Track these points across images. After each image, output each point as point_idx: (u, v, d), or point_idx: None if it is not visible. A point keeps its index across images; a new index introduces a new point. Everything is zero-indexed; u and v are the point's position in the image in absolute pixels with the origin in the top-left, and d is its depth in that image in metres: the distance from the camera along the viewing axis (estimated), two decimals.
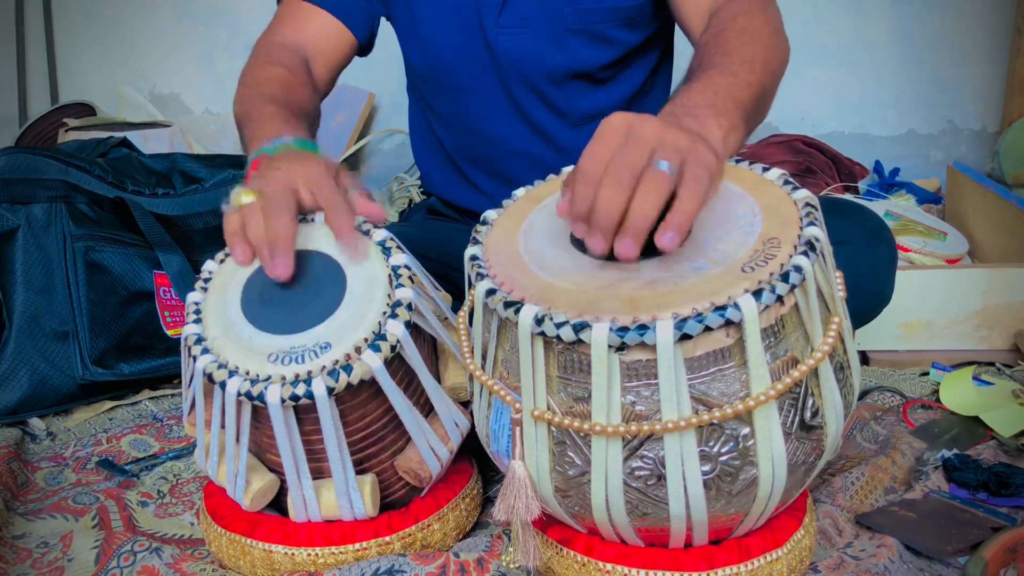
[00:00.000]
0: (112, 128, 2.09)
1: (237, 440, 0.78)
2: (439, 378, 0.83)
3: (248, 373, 0.74)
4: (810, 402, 0.67)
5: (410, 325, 0.76)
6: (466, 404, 0.83)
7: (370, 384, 0.75)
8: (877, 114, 2.34)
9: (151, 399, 1.26)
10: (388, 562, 0.77)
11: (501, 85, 1.12)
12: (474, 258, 0.72)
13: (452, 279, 0.95)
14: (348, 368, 0.73)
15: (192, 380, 0.80)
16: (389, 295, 0.77)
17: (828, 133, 2.29)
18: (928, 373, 1.27)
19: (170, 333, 1.30)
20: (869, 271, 0.97)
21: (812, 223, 0.67)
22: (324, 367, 0.73)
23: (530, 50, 1.09)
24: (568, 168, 0.81)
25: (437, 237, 1.12)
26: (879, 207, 1.66)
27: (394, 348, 0.75)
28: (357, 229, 0.82)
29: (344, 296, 0.77)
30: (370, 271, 0.79)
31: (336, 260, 0.80)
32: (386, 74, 2.00)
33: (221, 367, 0.75)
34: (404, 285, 0.77)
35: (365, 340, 0.74)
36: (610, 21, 1.08)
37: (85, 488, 1.01)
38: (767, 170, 0.74)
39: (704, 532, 0.70)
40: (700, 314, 0.61)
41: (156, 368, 1.28)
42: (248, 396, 0.73)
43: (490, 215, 0.77)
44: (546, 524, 0.77)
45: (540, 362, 0.66)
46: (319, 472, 0.79)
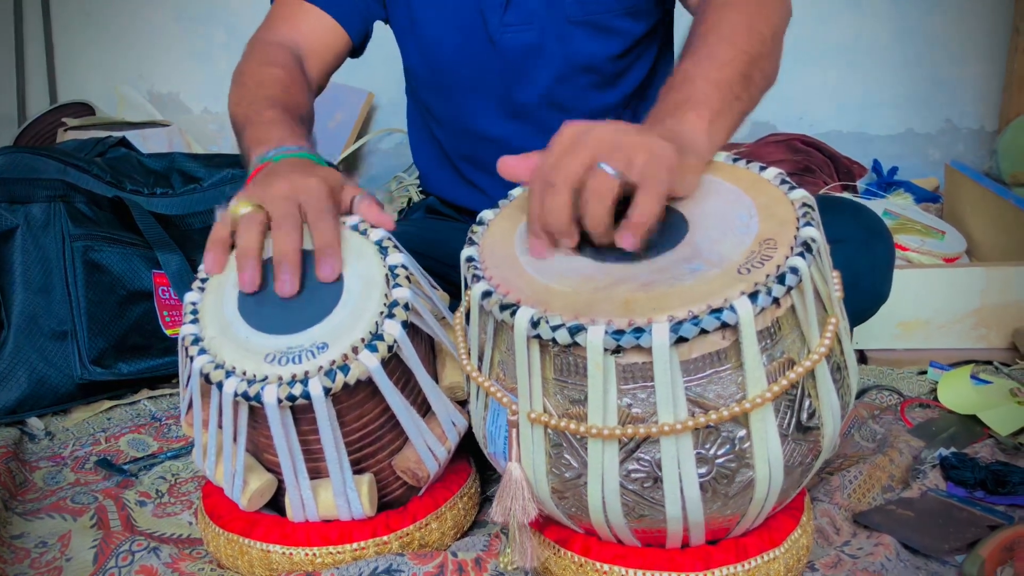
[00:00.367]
0: (111, 127, 2.09)
1: (235, 440, 0.78)
2: (436, 378, 0.83)
3: (245, 373, 0.74)
4: (807, 403, 0.67)
5: (407, 325, 0.76)
6: (464, 403, 0.83)
7: (367, 384, 0.75)
8: (875, 113, 2.34)
9: (150, 399, 1.26)
10: (386, 561, 0.77)
11: (502, 84, 1.11)
12: (470, 259, 0.72)
13: (450, 278, 0.95)
14: (345, 368, 0.73)
15: (189, 380, 0.80)
16: (386, 295, 0.77)
17: (826, 132, 2.28)
18: (926, 372, 1.27)
19: (169, 333, 1.30)
20: (867, 270, 0.97)
21: (809, 223, 0.66)
22: (321, 367, 0.73)
23: (534, 47, 1.08)
24: None
25: (435, 236, 1.12)
26: (877, 206, 1.66)
27: (391, 348, 0.75)
28: (354, 229, 0.82)
29: (341, 296, 0.77)
30: (367, 271, 0.79)
31: None
32: (385, 74, 2.00)
33: (218, 367, 0.75)
34: (401, 285, 0.77)
35: (362, 340, 0.74)
36: (612, 11, 1.07)
37: (83, 488, 1.01)
38: (764, 169, 0.73)
39: (701, 533, 0.70)
40: (696, 317, 0.61)
41: (155, 368, 1.28)
42: (245, 396, 0.73)
43: (486, 215, 0.77)
44: (543, 524, 0.77)
45: (536, 364, 0.66)
46: (317, 472, 0.79)
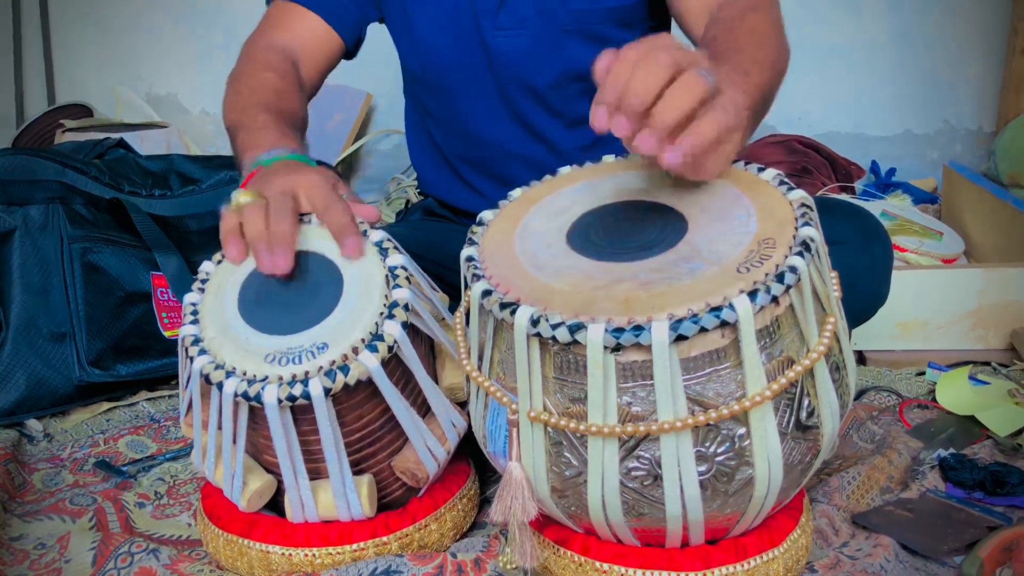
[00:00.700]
0: (109, 129, 2.09)
1: (234, 441, 0.78)
2: (436, 378, 0.83)
3: (245, 374, 0.74)
4: (806, 402, 0.67)
5: (407, 326, 0.76)
6: (463, 404, 0.83)
7: (367, 385, 0.75)
8: (873, 114, 2.34)
9: (148, 400, 1.26)
10: (385, 562, 0.77)
11: (497, 87, 1.12)
12: (470, 259, 0.72)
13: (449, 279, 0.95)
14: (345, 369, 0.73)
15: (189, 381, 0.80)
16: (386, 296, 0.77)
17: (825, 133, 2.29)
18: (924, 373, 1.27)
19: (167, 334, 1.30)
20: (865, 271, 0.97)
21: (807, 223, 0.67)
22: (321, 368, 0.73)
23: (527, 52, 1.09)
24: (565, 168, 0.81)
25: (434, 238, 1.12)
26: (875, 207, 1.66)
27: (391, 349, 0.75)
28: None
29: (341, 297, 0.78)
30: (367, 272, 0.79)
31: (333, 261, 0.80)
32: (383, 75, 2.00)
33: (218, 368, 0.75)
34: (401, 286, 0.77)
35: (362, 341, 0.74)
36: (604, 21, 1.08)
37: (82, 489, 1.01)
38: (763, 170, 0.74)
39: (700, 532, 0.70)
40: (695, 315, 0.61)
41: (153, 369, 1.28)
42: (245, 397, 0.73)
43: (486, 216, 0.77)
44: (543, 524, 0.77)
45: (536, 363, 0.66)
46: (316, 473, 0.79)
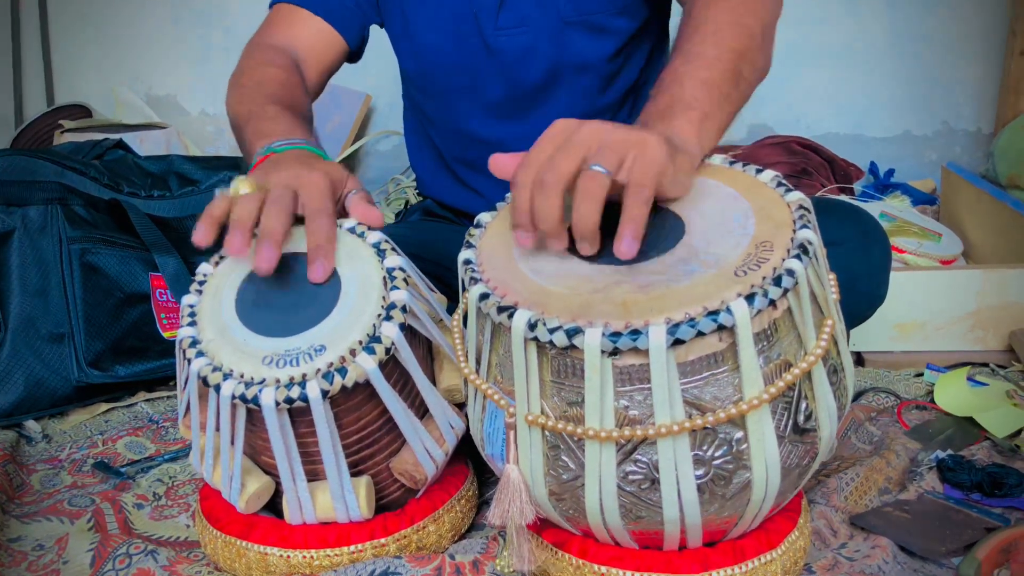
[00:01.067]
0: (108, 130, 2.09)
1: (232, 443, 0.78)
2: (434, 380, 0.83)
3: (243, 376, 0.74)
4: (803, 405, 0.67)
5: (405, 327, 0.76)
6: (461, 406, 0.83)
7: (365, 386, 0.75)
8: (872, 115, 2.34)
9: (147, 401, 1.26)
10: (383, 564, 0.77)
11: (501, 87, 1.11)
12: (467, 262, 0.72)
13: (448, 280, 0.95)
14: (343, 371, 0.73)
15: (187, 383, 0.80)
16: (384, 297, 0.77)
17: (823, 134, 2.29)
18: (923, 374, 1.27)
19: (166, 335, 1.30)
20: (863, 272, 0.97)
21: (805, 226, 0.67)
22: (319, 370, 0.73)
23: (529, 49, 1.08)
24: None
25: (433, 238, 1.12)
26: (874, 208, 1.66)
27: (389, 350, 0.75)
28: (351, 231, 0.82)
29: (339, 298, 0.78)
30: (365, 273, 0.79)
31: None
32: (382, 76, 2.00)
33: (216, 370, 0.75)
34: (399, 287, 0.77)
35: (360, 342, 0.74)
36: (606, 11, 1.07)
37: (81, 490, 1.01)
38: (760, 172, 0.74)
39: (698, 535, 0.70)
40: (693, 319, 0.61)
41: (152, 370, 1.28)
42: (243, 399, 0.73)
43: (484, 218, 0.77)
44: (541, 527, 0.77)
45: (534, 366, 0.66)
46: (314, 474, 0.79)
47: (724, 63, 0.78)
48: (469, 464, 0.92)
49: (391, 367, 0.77)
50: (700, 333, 0.61)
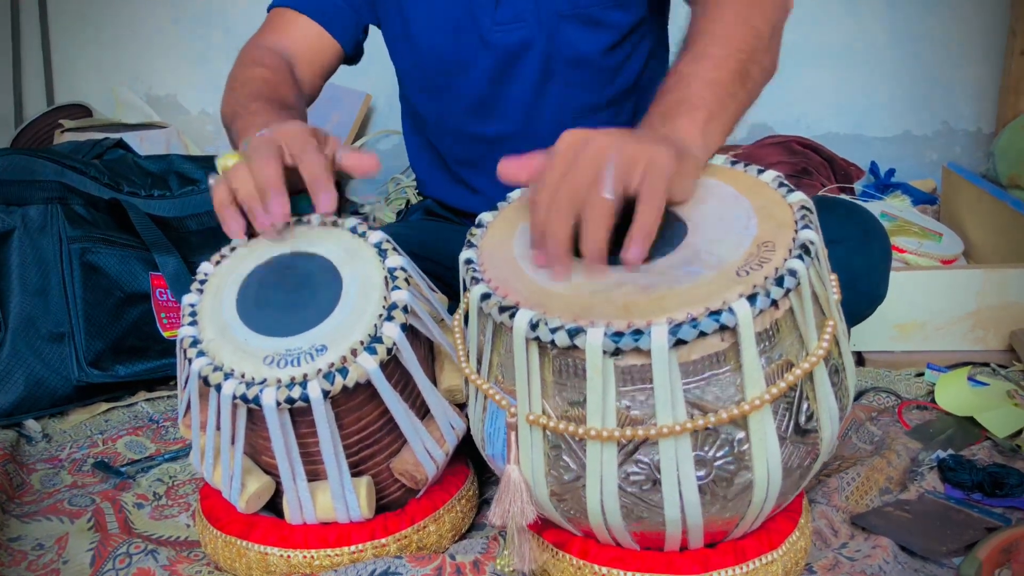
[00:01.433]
0: (108, 129, 2.09)
1: (232, 442, 0.78)
2: (435, 380, 0.83)
3: (244, 376, 0.74)
4: (805, 406, 0.67)
5: (406, 327, 0.76)
6: (462, 406, 0.83)
7: (366, 387, 0.75)
8: (873, 115, 2.34)
9: (147, 401, 1.26)
10: (384, 564, 0.77)
11: (497, 83, 1.11)
12: (469, 261, 0.72)
13: (448, 279, 0.95)
14: (344, 371, 0.73)
15: (187, 382, 0.80)
16: (385, 297, 0.77)
17: (824, 134, 2.29)
18: (923, 374, 1.27)
19: (166, 335, 1.30)
20: (863, 270, 0.97)
21: (807, 226, 0.67)
22: (320, 370, 0.73)
23: (527, 44, 1.08)
24: None
25: (434, 237, 1.12)
26: (875, 208, 1.66)
27: (390, 351, 0.75)
28: (353, 232, 0.82)
29: (340, 298, 0.77)
30: (366, 273, 0.79)
31: (332, 262, 0.80)
32: (382, 75, 1.99)
33: (216, 370, 0.75)
34: (400, 287, 0.77)
35: (361, 343, 0.74)
36: (601, 4, 1.07)
37: (81, 490, 1.01)
38: (762, 172, 0.73)
39: (699, 535, 0.70)
40: (695, 319, 0.61)
41: (152, 370, 1.28)
42: (244, 399, 0.73)
43: (485, 218, 0.77)
44: (542, 527, 0.77)
45: (535, 366, 0.66)
46: (315, 474, 0.79)
47: (732, 63, 0.77)
48: (469, 464, 0.92)
49: (392, 367, 0.77)
50: (702, 333, 0.61)
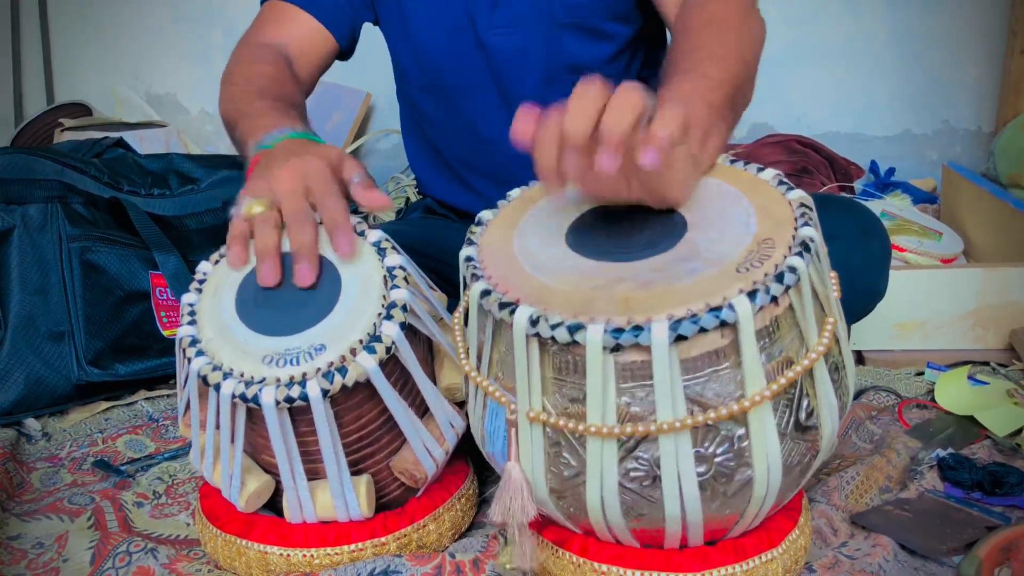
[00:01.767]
0: (108, 128, 2.09)
1: (232, 441, 0.78)
2: (434, 379, 0.83)
3: (243, 375, 0.74)
4: (805, 403, 0.67)
5: (405, 326, 0.76)
6: (462, 405, 0.83)
7: (365, 385, 0.75)
8: (873, 114, 2.34)
9: (147, 400, 1.26)
10: (384, 563, 0.77)
11: (495, 86, 1.11)
12: (469, 259, 0.72)
13: (448, 276, 0.95)
14: (343, 370, 0.73)
15: (187, 381, 0.80)
16: (384, 296, 0.77)
17: (824, 133, 2.29)
18: (923, 373, 1.27)
19: (166, 334, 1.30)
20: (861, 266, 0.97)
21: (807, 224, 0.67)
22: (319, 369, 0.73)
23: (522, 48, 1.08)
24: None
25: (434, 235, 1.12)
26: (875, 207, 1.66)
27: (389, 350, 0.75)
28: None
29: (339, 297, 0.77)
30: (365, 272, 0.79)
31: (331, 261, 0.80)
32: (382, 74, 1.99)
33: (216, 369, 0.75)
34: (399, 286, 0.77)
35: (360, 341, 0.74)
36: (600, 15, 1.07)
37: (80, 489, 1.01)
38: (762, 170, 0.74)
39: (699, 533, 0.70)
40: (695, 315, 0.61)
41: (152, 369, 1.28)
42: (243, 398, 0.73)
43: (485, 216, 0.77)
44: (542, 525, 0.77)
45: (535, 363, 0.66)
46: (314, 473, 0.79)
47: (725, 88, 0.77)
48: (469, 463, 0.92)
49: (391, 366, 0.77)
50: (702, 329, 0.61)
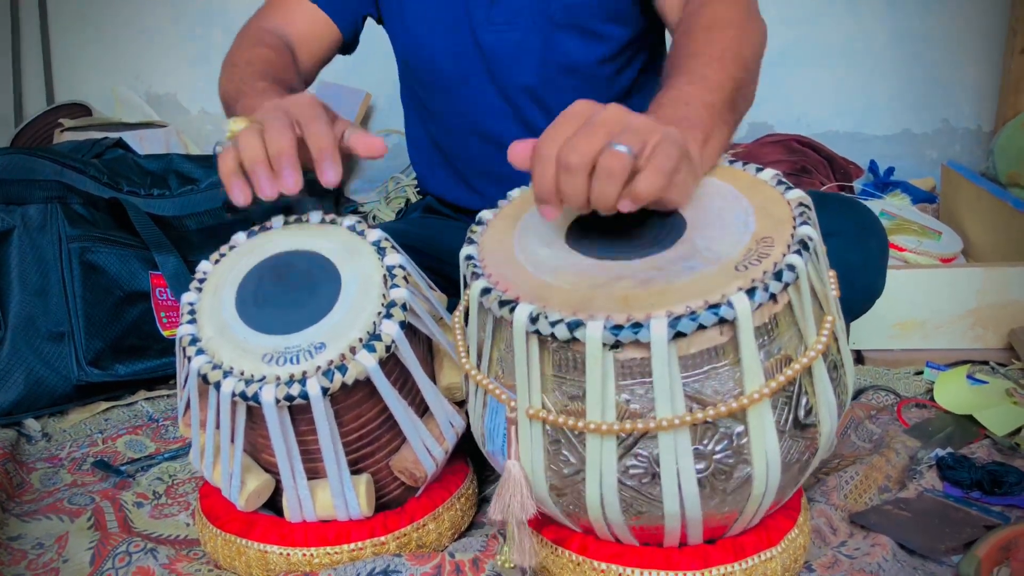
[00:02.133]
0: (108, 128, 2.09)
1: (232, 440, 0.78)
2: (434, 378, 0.83)
3: (243, 374, 0.74)
4: (804, 400, 0.67)
5: (405, 325, 0.76)
6: (461, 404, 0.84)
7: (365, 384, 0.75)
8: (872, 113, 2.34)
9: (147, 400, 1.26)
10: (383, 562, 0.77)
11: (493, 83, 1.11)
12: (469, 257, 0.72)
13: (448, 275, 0.95)
14: (343, 368, 0.73)
15: (187, 381, 0.80)
16: (384, 295, 0.77)
17: (823, 132, 2.29)
18: (922, 372, 1.27)
19: (166, 334, 1.30)
20: (859, 264, 0.97)
21: (805, 222, 0.67)
22: (319, 367, 0.73)
23: (519, 47, 1.08)
24: None
25: (434, 233, 1.12)
26: (874, 206, 1.66)
27: (389, 348, 0.75)
28: (351, 230, 0.82)
29: (339, 296, 0.78)
30: (365, 271, 0.79)
31: (331, 260, 0.80)
32: (382, 74, 1.99)
33: (216, 368, 0.75)
34: (399, 285, 0.77)
35: (360, 340, 0.74)
36: (598, 16, 1.07)
37: (80, 489, 1.01)
38: (761, 170, 0.74)
39: (699, 531, 0.70)
40: (694, 312, 0.61)
41: (152, 369, 1.28)
42: (243, 396, 0.73)
43: (485, 215, 0.77)
44: (541, 524, 0.77)
45: (535, 360, 0.66)
46: (314, 472, 0.79)
47: (726, 91, 0.77)
48: (469, 462, 0.92)
49: (391, 365, 0.77)
50: (701, 326, 0.61)
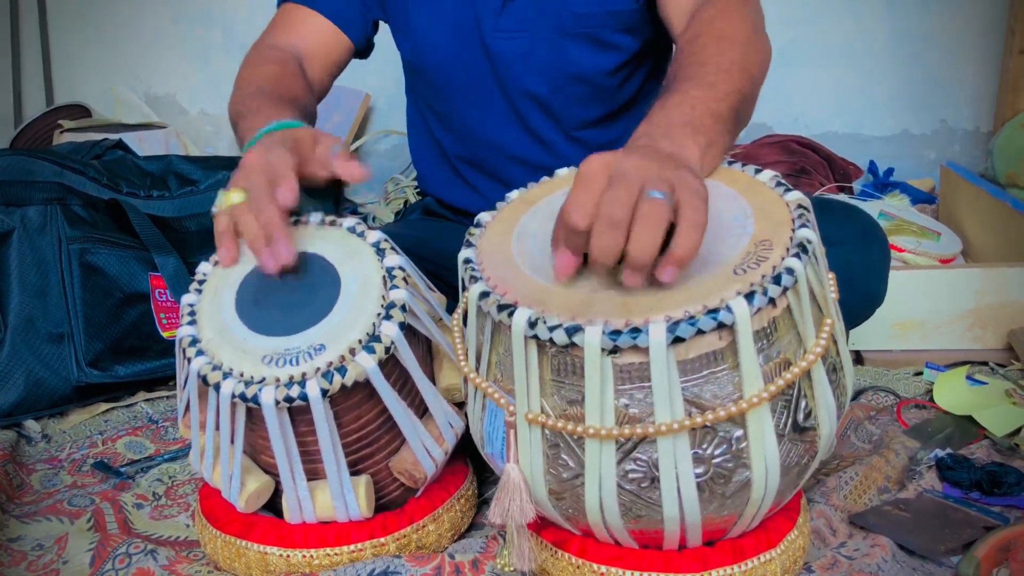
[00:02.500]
0: (107, 129, 2.09)
1: (232, 442, 0.78)
2: (434, 379, 0.83)
3: (242, 375, 0.74)
4: (803, 404, 0.67)
5: (404, 326, 0.76)
6: (461, 405, 0.84)
7: (364, 385, 0.75)
8: (871, 114, 2.34)
9: (147, 401, 1.26)
10: (383, 563, 0.77)
11: (499, 89, 1.11)
12: (467, 260, 0.72)
13: (447, 278, 0.95)
14: (342, 370, 0.73)
15: (187, 382, 0.80)
16: (383, 296, 0.77)
17: (822, 133, 2.29)
18: (922, 373, 1.28)
19: (166, 335, 1.30)
20: (861, 271, 0.97)
21: (804, 225, 0.67)
22: (318, 369, 0.73)
23: (527, 55, 1.08)
24: (563, 170, 0.81)
25: (433, 236, 1.12)
26: (873, 207, 1.66)
27: (388, 350, 0.75)
28: (351, 231, 0.82)
29: (338, 297, 0.78)
30: (364, 272, 0.79)
31: (330, 261, 0.80)
32: (382, 75, 2.00)
33: (215, 369, 0.75)
34: (398, 287, 0.77)
35: (359, 341, 0.74)
36: (608, 26, 1.07)
37: (80, 490, 1.01)
38: (759, 171, 0.74)
39: (698, 534, 0.70)
40: (692, 317, 0.61)
41: (152, 370, 1.28)
42: (242, 398, 0.73)
43: (484, 217, 0.77)
44: (540, 526, 0.77)
45: (534, 365, 0.66)
46: (314, 473, 0.79)
47: (731, 101, 0.77)
48: (469, 463, 0.92)
49: (391, 366, 0.77)
50: (700, 331, 0.61)
